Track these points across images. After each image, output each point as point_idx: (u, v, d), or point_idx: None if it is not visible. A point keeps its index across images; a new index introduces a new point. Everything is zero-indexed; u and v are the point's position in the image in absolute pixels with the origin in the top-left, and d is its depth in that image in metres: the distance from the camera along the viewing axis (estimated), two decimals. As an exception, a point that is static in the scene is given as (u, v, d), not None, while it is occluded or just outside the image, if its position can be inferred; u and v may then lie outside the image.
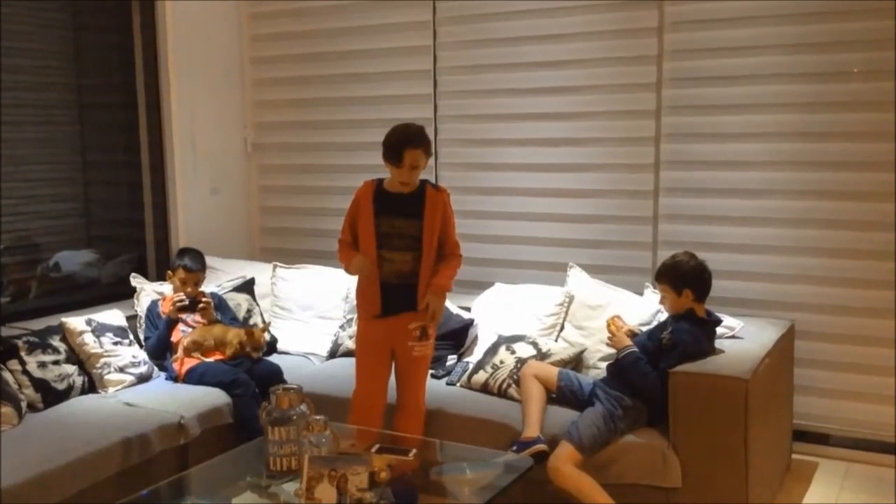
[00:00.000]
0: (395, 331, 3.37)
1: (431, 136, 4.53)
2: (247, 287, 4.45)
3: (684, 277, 3.33)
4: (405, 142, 3.28)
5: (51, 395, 3.50)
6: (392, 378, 3.48)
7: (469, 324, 4.08)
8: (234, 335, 3.91)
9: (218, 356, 3.88)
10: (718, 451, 3.10)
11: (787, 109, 3.90)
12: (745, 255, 4.04)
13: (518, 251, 4.52)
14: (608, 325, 3.44)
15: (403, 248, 3.34)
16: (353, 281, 3.63)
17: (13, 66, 4.12)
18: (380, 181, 3.43)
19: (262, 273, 4.59)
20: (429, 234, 3.33)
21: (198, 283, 4.07)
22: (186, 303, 3.95)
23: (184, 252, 4.21)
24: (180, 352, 3.84)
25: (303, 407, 2.84)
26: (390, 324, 3.37)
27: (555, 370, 3.50)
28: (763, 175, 3.98)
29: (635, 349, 3.32)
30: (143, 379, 3.80)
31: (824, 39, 3.80)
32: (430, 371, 3.63)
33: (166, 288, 4.16)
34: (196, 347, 3.86)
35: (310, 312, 4.38)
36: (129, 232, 4.78)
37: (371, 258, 3.35)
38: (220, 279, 4.46)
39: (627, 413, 3.25)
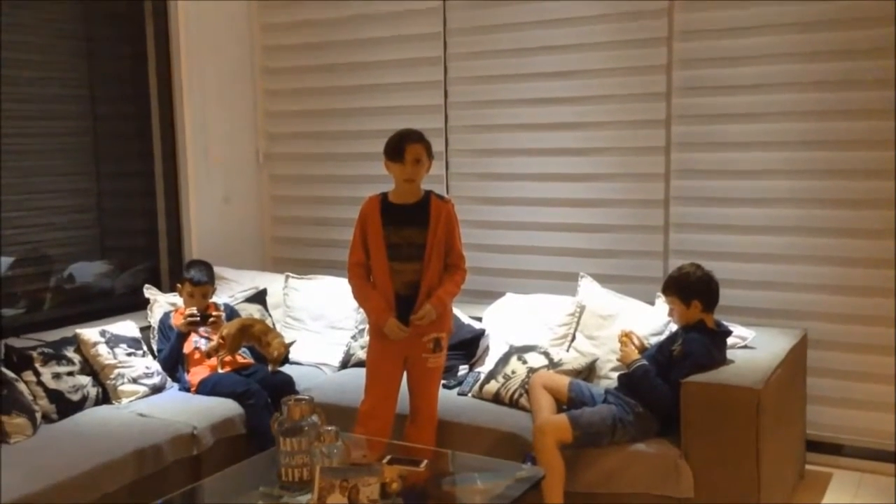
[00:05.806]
0: (408, 343, 3.37)
1: (442, 147, 4.60)
2: (259, 298, 4.47)
3: (692, 288, 3.33)
4: (405, 138, 3.35)
5: (65, 406, 3.52)
6: (403, 389, 3.48)
7: (480, 334, 4.08)
8: (278, 343, 3.86)
9: (228, 368, 3.89)
10: (730, 461, 3.09)
11: (797, 118, 3.89)
12: (757, 264, 4.03)
13: (529, 261, 4.51)
14: (619, 339, 3.44)
15: (412, 257, 3.35)
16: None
17: (26, 77, 4.15)
18: (384, 195, 3.44)
19: (273, 283, 4.61)
20: (432, 240, 3.34)
21: (206, 295, 4.03)
22: (198, 318, 3.94)
23: (191, 265, 4.18)
24: (216, 341, 3.84)
25: (314, 417, 2.84)
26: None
27: (565, 380, 3.50)
28: (774, 184, 3.97)
29: (645, 362, 3.31)
30: (156, 390, 3.82)
31: (835, 48, 3.79)
32: (442, 381, 3.64)
33: (179, 299, 4.17)
34: (238, 340, 3.84)
35: (321, 322, 4.39)
36: (142, 242, 4.81)
37: (383, 270, 3.35)
38: (232, 290, 4.47)
39: (637, 421, 3.24)
